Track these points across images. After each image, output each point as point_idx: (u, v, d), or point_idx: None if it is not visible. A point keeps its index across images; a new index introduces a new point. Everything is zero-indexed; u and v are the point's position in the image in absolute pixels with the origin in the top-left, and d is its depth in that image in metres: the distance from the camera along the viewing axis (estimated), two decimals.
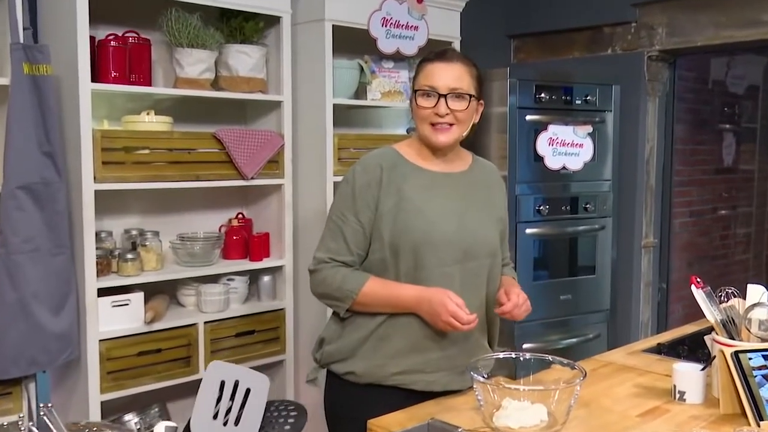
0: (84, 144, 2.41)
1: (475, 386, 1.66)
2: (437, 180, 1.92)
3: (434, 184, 1.91)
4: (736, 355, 1.78)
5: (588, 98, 3.72)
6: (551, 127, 3.59)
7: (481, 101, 1.98)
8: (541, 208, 3.59)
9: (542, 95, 3.57)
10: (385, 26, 3.21)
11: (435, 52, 1.92)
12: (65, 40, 2.44)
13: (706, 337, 2.06)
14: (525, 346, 3.61)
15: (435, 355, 1.85)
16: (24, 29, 2.26)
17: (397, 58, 3.34)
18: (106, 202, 2.78)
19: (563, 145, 3.62)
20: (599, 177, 3.82)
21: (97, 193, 2.56)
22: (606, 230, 3.84)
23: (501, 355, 1.83)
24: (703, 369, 1.90)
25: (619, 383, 2.03)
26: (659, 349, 2.35)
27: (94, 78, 2.47)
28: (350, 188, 1.88)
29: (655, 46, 3.92)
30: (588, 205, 3.75)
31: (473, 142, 3.65)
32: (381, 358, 1.84)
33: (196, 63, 2.70)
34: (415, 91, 1.90)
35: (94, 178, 2.45)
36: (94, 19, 2.65)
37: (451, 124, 1.88)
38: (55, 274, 2.32)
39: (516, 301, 1.85)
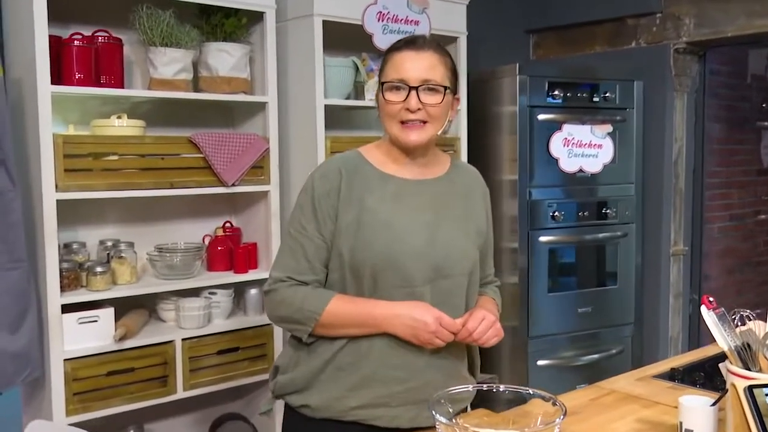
0: (44, 150, 2.26)
1: (437, 426, 1.43)
2: (406, 188, 1.69)
3: (402, 193, 1.69)
4: (750, 390, 1.52)
5: (607, 95, 3.46)
6: (566, 127, 3.33)
7: (457, 96, 1.75)
8: (556, 214, 3.34)
9: (556, 93, 3.32)
10: (382, 21, 3.00)
11: (403, 39, 1.69)
12: (24, 40, 2.29)
13: (721, 365, 1.80)
14: (539, 363, 3.37)
15: (400, 387, 1.63)
16: None
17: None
18: (81, 212, 2.64)
19: (580, 146, 3.37)
20: (621, 180, 3.54)
21: (67, 203, 2.42)
22: (629, 237, 3.57)
23: (470, 388, 1.59)
24: (713, 404, 1.64)
25: (620, 417, 1.78)
26: (672, 375, 2.08)
27: (57, 80, 2.32)
28: (309, 198, 1.66)
29: (682, 38, 3.63)
30: (609, 211, 3.49)
31: (483, 145, 3.47)
32: (339, 390, 1.63)
33: (170, 63, 2.53)
34: (381, 84, 1.67)
35: (56, 186, 2.28)
36: (62, 18, 2.52)
37: (423, 122, 1.65)
38: (10, 289, 2.16)
39: (471, 326, 1.60)
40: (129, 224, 2.76)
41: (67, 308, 2.36)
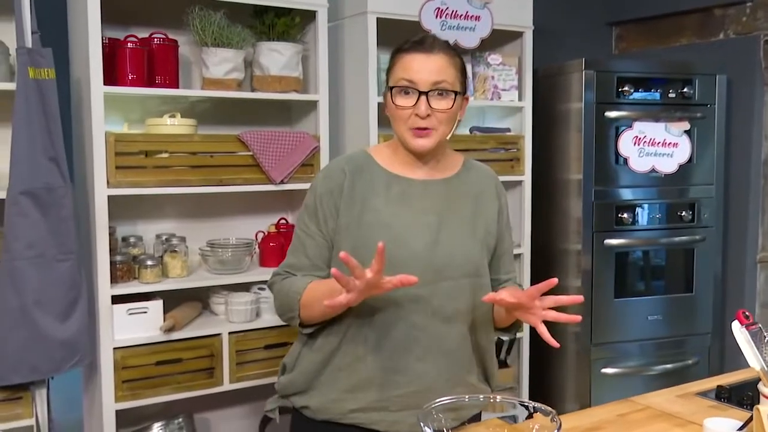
0: (96, 148, 2.36)
1: None
2: (412, 188, 1.66)
3: (408, 194, 1.65)
4: None
5: (685, 91, 3.25)
6: (637, 125, 3.17)
7: (467, 95, 1.69)
8: (624, 216, 3.18)
9: (625, 89, 3.15)
10: (440, 17, 2.95)
11: (412, 40, 1.65)
12: (81, 42, 2.40)
13: (759, 386, 1.66)
14: (604, 371, 3.22)
15: (399, 391, 1.60)
16: (32, 33, 2.23)
17: (458, 51, 3.05)
18: (141, 207, 2.75)
19: (653, 144, 3.19)
20: (700, 181, 3.33)
21: (126, 198, 2.53)
22: (707, 242, 3.35)
23: (466, 398, 1.53)
24: (741, 429, 1.51)
25: None
26: (719, 394, 1.94)
27: (111, 81, 2.42)
28: (313, 196, 1.67)
29: None
30: (684, 213, 3.29)
31: (548, 143, 3.34)
32: (337, 392, 1.62)
33: (221, 63, 2.59)
34: (390, 88, 1.64)
35: (107, 182, 2.39)
36: (122, 20, 2.63)
37: (432, 128, 1.61)
38: (60, 280, 2.28)
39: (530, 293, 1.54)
40: (186, 220, 2.85)
41: (119, 299, 2.46)
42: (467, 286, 1.64)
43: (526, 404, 1.50)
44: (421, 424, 1.36)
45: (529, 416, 1.51)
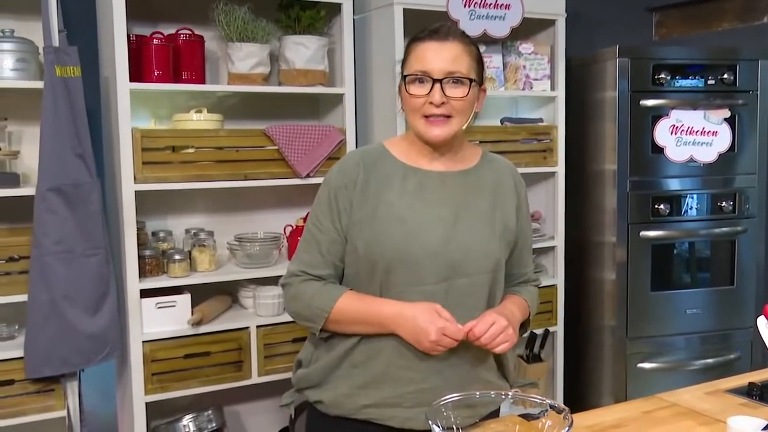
0: (123, 143, 2.39)
1: None
2: (428, 181, 1.63)
3: (424, 186, 1.62)
4: None
5: (725, 77, 3.14)
6: (674, 113, 3.08)
7: (484, 86, 1.65)
8: (661, 207, 3.09)
9: (661, 76, 3.06)
10: (468, 6, 2.91)
11: (427, 28, 1.62)
12: (109, 40, 2.44)
13: None
14: (640, 366, 3.15)
15: (413, 388, 1.58)
16: (59, 32, 2.27)
17: (488, 41, 3.02)
18: (171, 202, 2.78)
19: (691, 133, 3.09)
20: (741, 170, 3.22)
21: (155, 193, 2.57)
22: (750, 233, 3.24)
23: (477, 395, 1.50)
24: (766, 428, 1.45)
25: None
26: (750, 391, 1.86)
27: (137, 77, 2.45)
28: (326, 191, 1.65)
29: None
30: (725, 204, 3.18)
31: (582, 133, 3.26)
32: (350, 388, 1.60)
33: (246, 57, 2.59)
34: (404, 77, 1.62)
35: (135, 177, 2.42)
36: (149, 17, 2.66)
37: (448, 116, 1.58)
38: (89, 275, 2.32)
39: (479, 331, 1.51)
40: (215, 214, 2.88)
41: (147, 293, 2.50)
42: (484, 282, 1.61)
43: (539, 400, 1.46)
44: (429, 422, 1.34)
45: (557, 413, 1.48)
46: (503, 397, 1.49)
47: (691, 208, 3.16)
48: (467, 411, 1.47)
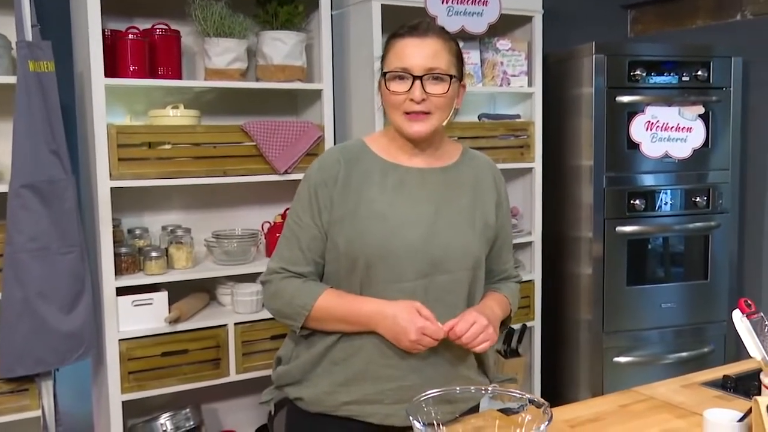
0: (98, 140, 2.36)
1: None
2: (409, 178, 1.63)
3: (404, 183, 1.62)
4: None
5: (699, 74, 3.18)
6: (649, 109, 3.11)
7: (464, 82, 1.66)
8: (636, 202, 3.12)
9: (637, 73, 3.09)
10: (446, 3, 2.91)
11: (406, 25, 1.62)
12: (83, 35, 2.40)
13: (761, 375, 1.61)
14: (616, 360, 3.18)
15: (393, 385, 1.58)
16: (32, 26, 2.23)
17: (466, 37, 3.02)
18: (147, 199, 2.75)
19: (666, 129, 3.13)
20: (715, 166, 3.26)
21: (132, 190, 2.54)
22: (723, 228, 3.28)
23: (457, 390, 1.50)
24: (741, 419, 1.47)
25: (644, 427, 1.64)
26: (724, 384, 1.89)
27: (113, 72, 2.42)
28: (306, 187, 1.64)
29: None
30: (699, 199, 3.22)
31: (558, 129, 3.29)
32: (331, 385, 1.60)
33: (223, 53, 2.57)
34: (384, 74, 1.61)
35: (110, 174, 2.39)
36: (125, 12, 2.63)
37: (428, 112, 1.58)
38: (64, 272, 2.29)
39: (459, 330, 1.52)
40: (191, 211, 2.85)
41: (124, 291, 2.47)
42: (464, 279, 1.62)
43: (518, 395, 1.47)
44: (410, 418, 1.34)
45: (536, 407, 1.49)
46: (483, 392, 1.50)
47: (665, 204, 3.19)
48: (447, 407, 1.47)
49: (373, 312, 1.55)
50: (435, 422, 1.42)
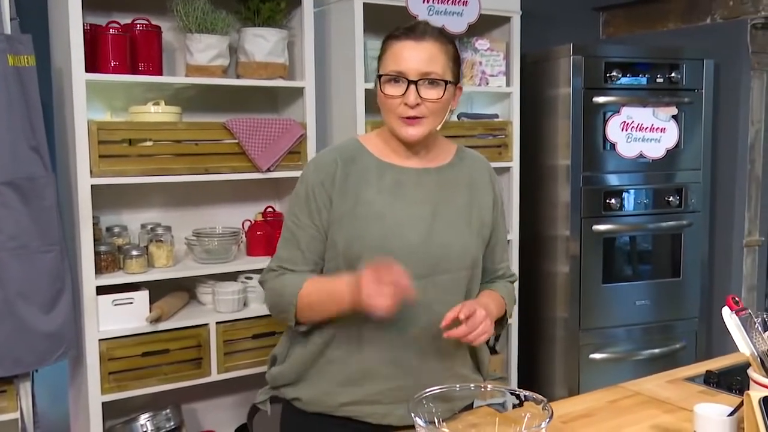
0: (78, 137, 2.32)
1: (416, 428, 1.37)
2: (405, 177, 1.63)
3: (401, 183, 1.62)
4: (765, 402, 1.39)
5: (672, 76, 3.24)
6: (625, 110, 3.16)
7: (460, 85, 1.66)
8: (612, 201, 3.17)
9: (613, 74, 3.14)
10: (427, 2, 2.92)
11: (403, 27, 1.62)
12: (62, 30, 2.36)
13: (749, 371, 1.66)
14: (592, 356, 3.23)
15: (392, 385, 1.58)
16: (11, 20, 2.18)
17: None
18: (125, 196, 2.71)
19: (640, 129, 3.19)
20: (687, 166, 3.33)
21: (111, 187, 2.50)
22: (694, 227, 3.36)
23: (457, 387, 1.51)
24: (731, 414, 1.51)
25: (634, 422, 1.67)
26: (707, 379, 1.94)
27: (93, 68, 2.37)
28: (304, 187, 1.63)
29: (761, 12, 3.37)
30: (672, 198, 3.29)
31: (536, 129, 3.33)
32: (328, 385, 1.60)
33: (205, 49, 2.54)
34: (379, 77, 1.61)
35: (91, 171, 2.35)
36: (104, 6, 2.59)
37: (422, 117, 1.58)
38: (44, 272, 2.24)
39: (466, 312, 1.48)
40: (171, 209, 2.82)
41: (104, 290, 2.43)
42: (463, 278, 1.62)
43: (516, 393, 1.49)
44: (412, 415, 1.34)
45: (519, 404, 1.50)
46: (482, 390, 1.51)
47: (639, 203, 3.25)
48: (445, 404, 1.49)
49: (346, 287, 1.48)
50: (436, 419, 1.43)
